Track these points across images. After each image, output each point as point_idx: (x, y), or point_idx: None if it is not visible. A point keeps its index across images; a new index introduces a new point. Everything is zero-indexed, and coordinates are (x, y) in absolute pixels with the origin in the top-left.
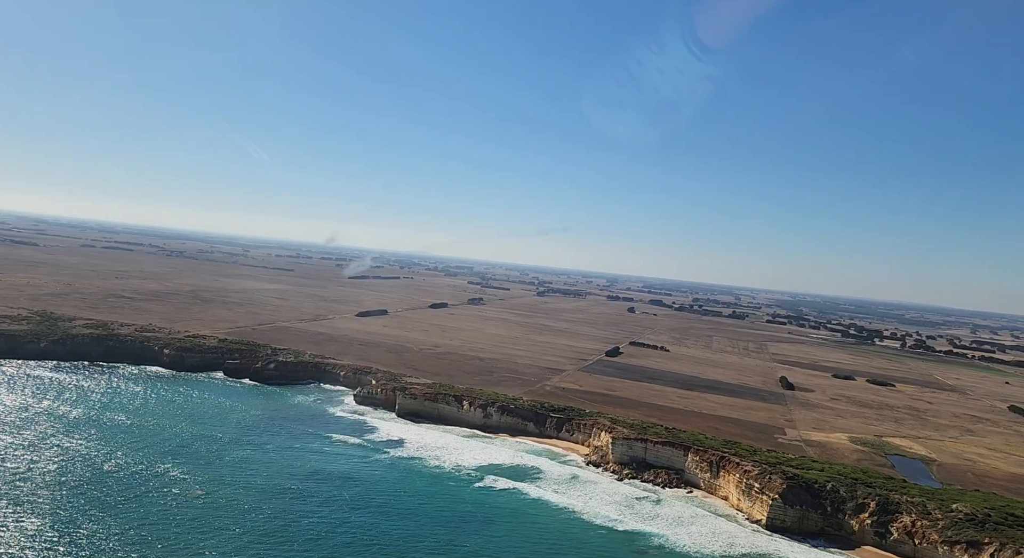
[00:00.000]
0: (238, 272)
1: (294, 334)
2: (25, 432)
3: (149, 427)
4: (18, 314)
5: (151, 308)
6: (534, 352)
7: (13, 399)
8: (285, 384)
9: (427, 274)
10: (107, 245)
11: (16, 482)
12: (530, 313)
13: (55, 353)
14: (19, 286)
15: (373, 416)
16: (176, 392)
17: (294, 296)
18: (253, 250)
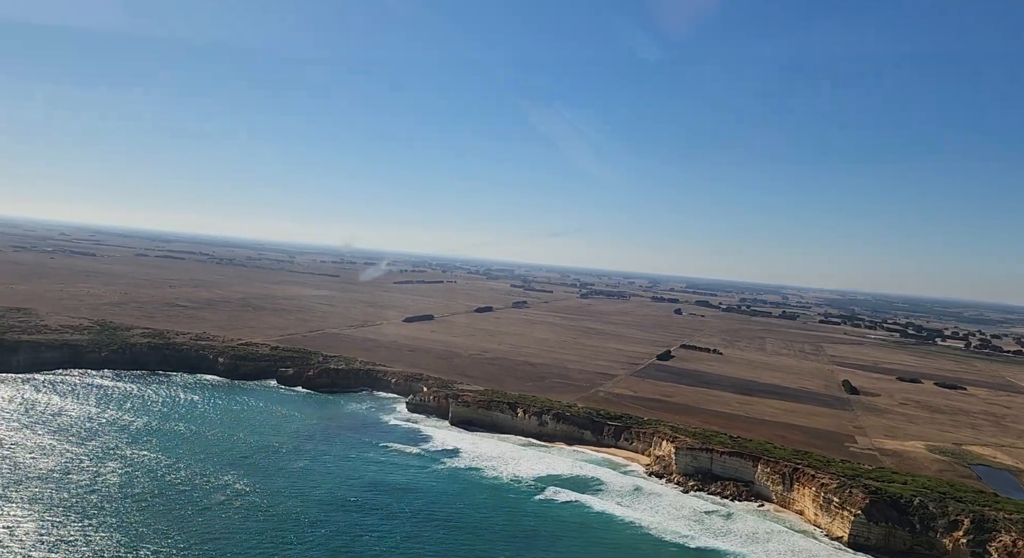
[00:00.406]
0: (285, 279)
1: (344, 341)
2: (91, 442)
3: (209, 437)
4: (79, 324)
5: (204, 316)
6: (584, 356)
7: (79, 409)
8: (337, 392)
9: (469, 278)
10: (160, 254)
11: (84, 494)
12: (576, 316)
13: (115, 362)
14: (80, 296)
15: (426, 424)
16: (232, 400)
17: (341, 302)
18: (298, 256)
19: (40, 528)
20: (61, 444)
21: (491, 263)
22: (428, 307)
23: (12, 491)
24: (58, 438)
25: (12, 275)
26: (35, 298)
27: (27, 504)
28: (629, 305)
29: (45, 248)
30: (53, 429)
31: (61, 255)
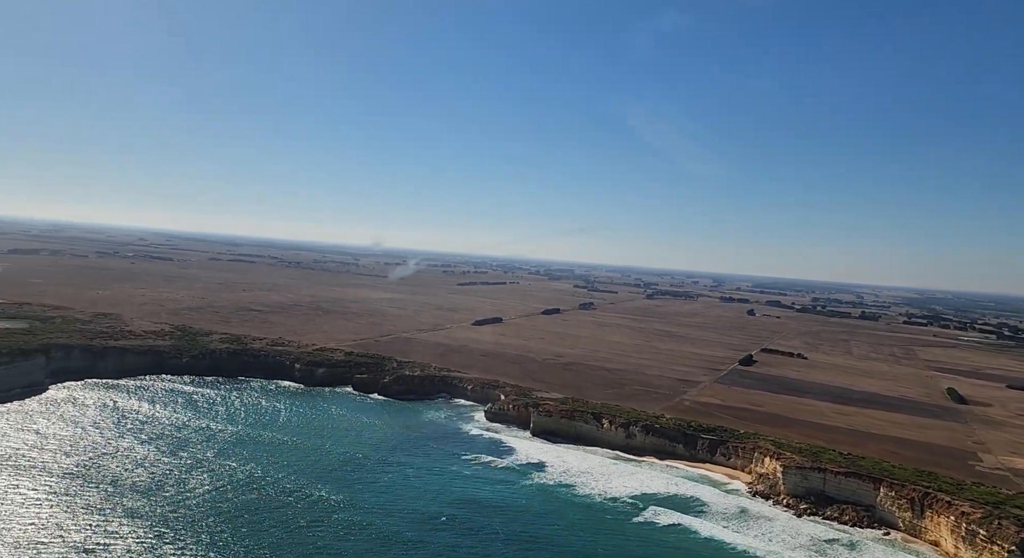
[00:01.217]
0: (351, 281)
1: (416, 345)
2: (181, 453)
3: (294, 448)
4: (161, 329)
5: (278, 320)
6: (661, 361)
7: (168, 416)
8: (413, 399)
9: (530, 278)
10: (232, 258)
11: (176, 508)
12: (645, 317)
13: (196, 368)
14: (160, 301)
15: (507, 434)
16: (312, 408)
17: (409, 305)
18: (363, 258)
19: (137, 545)
20: (152, 453)
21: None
22: (495, 309)
23: (108, 503)
24: (149, 447)
25: (98, 280)
26: (119, 303)
27: (123, 518)
28: (698, 306)
29: (126, 254)
30: (144, 438)
31: (141, 260)
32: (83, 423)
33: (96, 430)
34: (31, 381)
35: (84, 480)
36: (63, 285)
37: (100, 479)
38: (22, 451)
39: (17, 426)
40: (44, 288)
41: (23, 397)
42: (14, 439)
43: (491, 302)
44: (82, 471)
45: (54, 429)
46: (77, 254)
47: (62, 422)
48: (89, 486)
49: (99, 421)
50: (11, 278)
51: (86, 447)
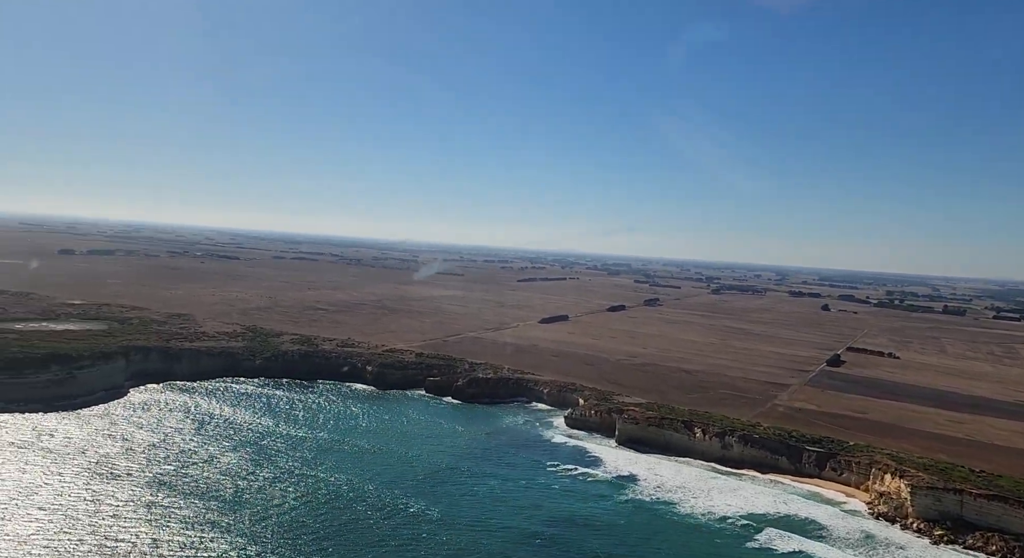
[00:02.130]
0: (413, 279)
1: (485, 345)
2: (266, 462)
3: (378, 455)
4: (233, 330)
5: (345, 320)
6: (742, 361)
7: (249, 422)
8: (487, 402)
9: (589, 273)
10: (295, 256)
11: (265, 523)
12: (714, 314)
13: (268, 370)
14: (230, 301)
15: (591, 443)
16: (388, 412)
17: (472, 303)
18: (421, 255)
19: None
20: (237, 462)
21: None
22: (559, 307)
23: (196, 516)
24: (234, 456)
25: (170, 280)
26: (191, 303)
27: (214, 533)
28: (766, 301)
29: (195, 253)
30: (228, 445)
31: (209, 259)
32: (166, 429)
33: (180, 436)
34: (112, 384)
35: (171, 490)
36: (138, 285)
37: (187, 490)
38: (111, 457)
39: (104, 431)
40: (120, 288)
41: (106, 400)
42: (103, 445)
43: (553, 299)
44: (169, 480)
45: (139, 434)
46: (150, 254)
47: (146, 427)
48: (177, 497)
49: (182, 427)
50: (91, 278)
51: (171, 455)
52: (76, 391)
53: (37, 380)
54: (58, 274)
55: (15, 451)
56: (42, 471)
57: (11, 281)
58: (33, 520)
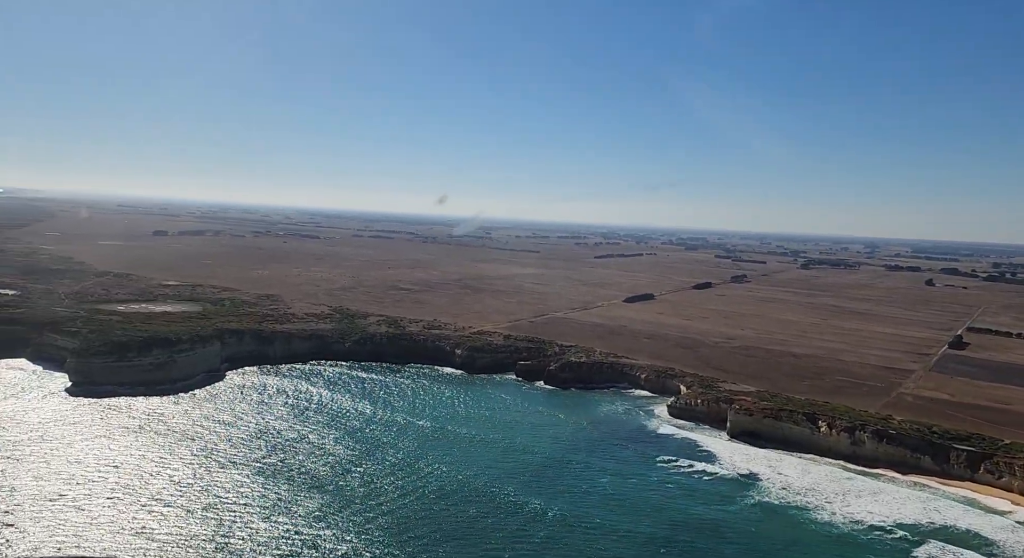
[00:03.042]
0: (489, 256)
1: (572, 326)
2: (373, 451)
3: (484, 444)
4: (321, 311)
5: (428, 300)
6: (851, 343)
7: (348, 407)
8: (581, 387)
9: (665, 248)
10: (372, 235)
11: (376, 516)
12: (808, 291)
13: (357, 353)
14: (315, 281)
15: (700, 435)
16: (485, 398)
17: (553, 281)
18: (495, 231)
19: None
20: (342, 450)
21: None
22: (642, 285)
23: (304, 507)
24: (338, 444)
25: (257, 260)
26: (278, 284)
27: (324, 528)
28: (862, 276)
29: (278, 232)
30: (331, 433)
31: (291, 238)
32: (268, 415)
33: (282, 423)
34: (209, 367)
35: (280, 481)
36: (227, 265)
37: (297, 482)
38: (219, 445)
39: (208, 416)
40: (211, 269)
41: (205, 383)
42: (209, 431)
43: (635, 276)
44: (277, 470)
45: (242, 420)
46: (236, 234)
47: (248, 413)
48: (287, 490)
49: (282, 412)
50: (183, 259)
51: (276, 443)
52: (176, 374)
53: (140, 363)
54: (154, 255)
55: (129, 436)
56: (156, 458)
57: (113, 262)
58: (151, 511)
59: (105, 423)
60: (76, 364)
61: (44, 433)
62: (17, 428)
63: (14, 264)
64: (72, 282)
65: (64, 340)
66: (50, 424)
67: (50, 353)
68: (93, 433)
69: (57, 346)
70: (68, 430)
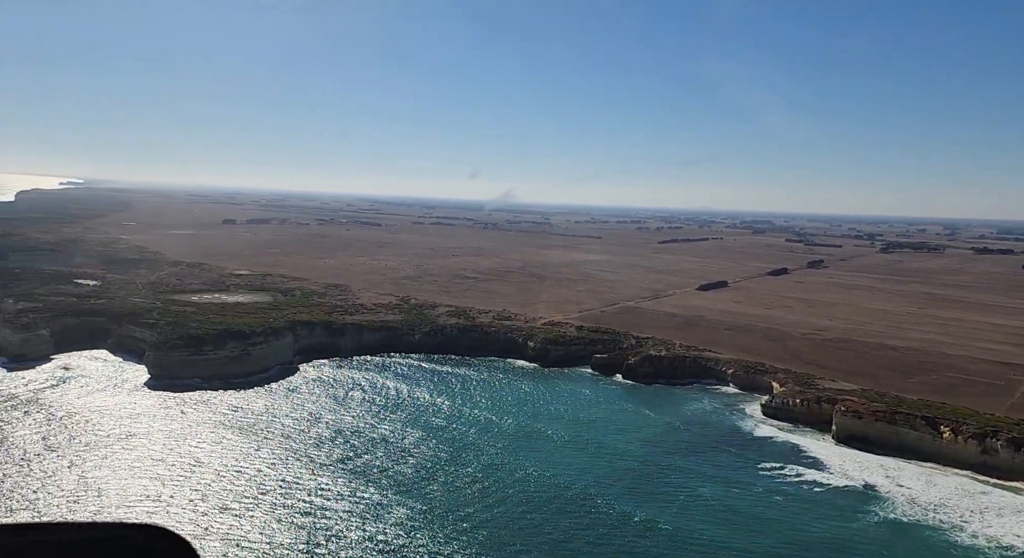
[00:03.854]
0: (551, 243)
1: (646, 317)
2: (463, 453)
3: (572, 445)
4: (388, 301)
5: (495, 289)
6: (955, 336)
7: (429, 403)
8: (662, 383)
9: (730, 232)
10: (432, 222)
11: (478, 528)
12: (896, 277)
13: (427, 345)
14: (380, 269)
15: (801, 438)
16: (563, 393)
17: (619, 268)
18: (553, 217)
19: None
20: (431, 451)
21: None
22: (714, 271)
23: (396, 513)
24: (425, 443)
25: (322, 248)
26: (345, 272)
27: (413, 531)
28: (950, 260)
29: (340, 220)
30: (417, 431)
31: (355, 226)
32: (345, 410)
33: (364, 419)
34: (282, 359)
35: (363, 482)
36: (294, 254)
37: (384, 483)
38: (303, 442)
39: (288, 413)
40: (279, 258)
41: (279, 377)
42: (291, 427)
43: (704, 262)
44: (359, 471)
45: (324, 416)
46: (300, 222)
47: (327, 408)
48: (375, 492)
49: (362, 408)
50: (252, 247)
51: (357, 442)
52: (251, 368)
53: (216, 357)
54: (224, 244)
55: (211, 432)
56: (238, 457)
57: (186, 251)
58: (237, 516)
59: (186, 418)
60: (154, 357)
61: (129, 429)
62: (104, 423)
63: (94, 253)
64: (148, 272)
65: (142, 332)
66: (133, 419)
67: (129, 345)
68: (175, 429)
69: (136, 338)
70: (151, 425)
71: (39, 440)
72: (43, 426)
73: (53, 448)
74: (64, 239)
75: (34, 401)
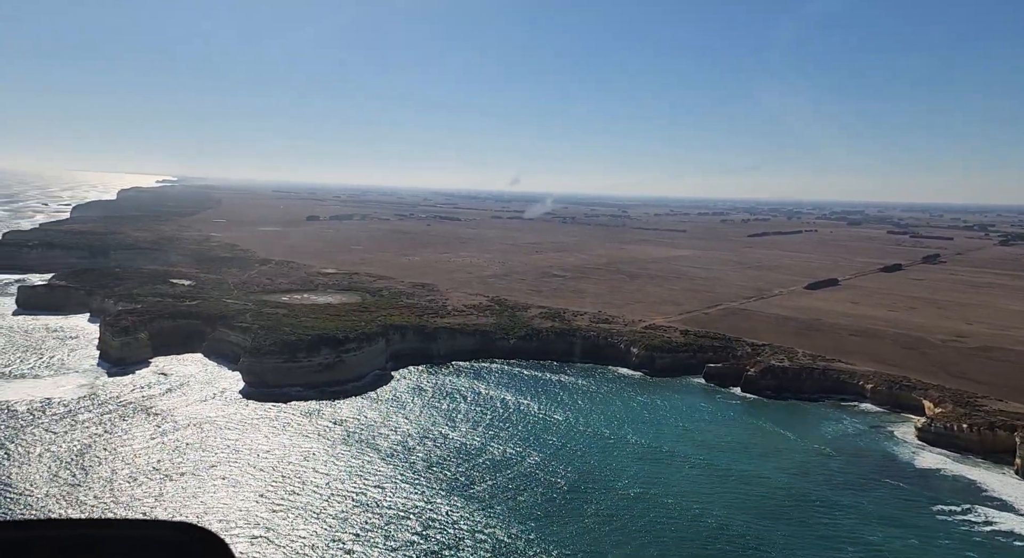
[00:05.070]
0: (634, 237)
1: (756, 320)
2: (591, 474)
3: (703, 468)
4: (478, 302)
5: (584, 288)
6: None
7: (540, 415)
8: (788, 398)
9: (824, 224)
10: (511, 216)
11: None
12: None
13: (523, 351)
14: (466, 267)
15: (977, 472)
16: (682, 406)
17: (712, 264)
18: (632, 209)
19: None
20: (550, 474)
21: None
22: (818, 267)
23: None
24: (543, 464)
25: (404, 245)
26: (431, 271)
27: None
28: None
29: (419, 215)
30: (531, 447)
31: (434, 221)
32: (448, 422)
33: (474, 436)
34: (375, 366)
35: (482, 506)
36: (378, 251)
37: (505, 507)
38: (408, 459)
39: (387, 423)
40: (363, 255)
41: (375, 385)
42: (393, 442)
43: (804, 257)
44: (491, 501)
45: (426, 430)
46: (381, 218)
47: (427, 420)
48: (491, 517)
49: (465, 421)
50: (336, 244)
51: (481, 465)
52: (345, 375)
53: (310, 364)
54: (309, 241)
55: (313, 445)
56: (344, 473)
57: (273, 249)
58: (343, 543)
59: (289, 432)
60: (248, 364)
61: (234, 443)
62: (211, 435)
63: (188, 252)
64: (239, 271)
65: (236, 336)
66: (237, 431)
67: (223, 349)
68: (279, 444)
69: (230, 342)
70: (254, 439)
71: (151, 451)
72: (156, 436)
73: (164, 460)
74: (161, 237)
75: (143, 409)
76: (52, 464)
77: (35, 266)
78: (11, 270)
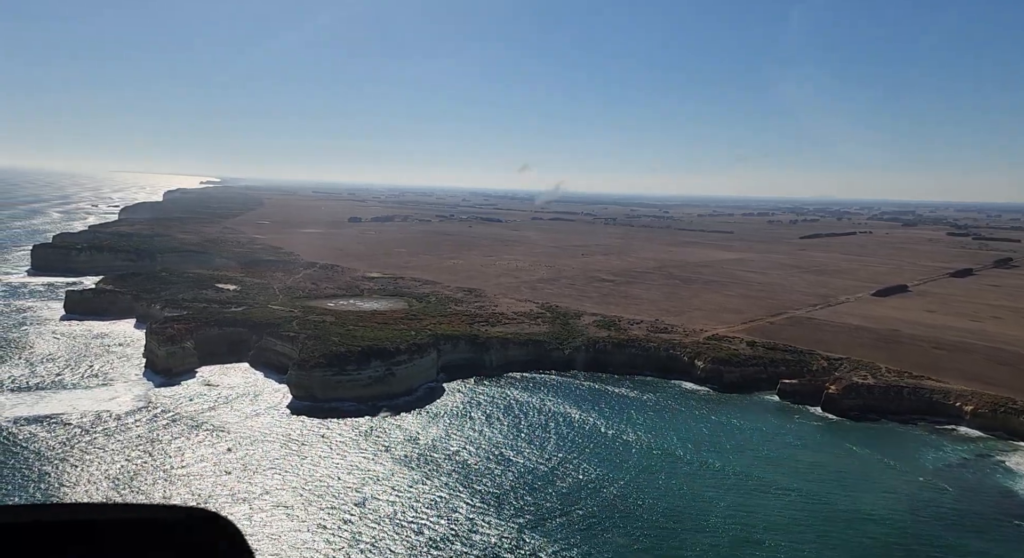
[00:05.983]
0: (680, 239)
1: (827, 330)
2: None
3: (801, 500)
4: (529, 310)
5: (638, 293)
6: None
7: (607, 432)
8: (873, 419)
9: (876, 225)
10: (552, 217)
11: None
12: None
13: (578, 362)
14: (512, 271)
15: None
16: (758, 425)
17: (767, 268)
18: (672, 209)
19: None
20: (625, 500)
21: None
22: (881, 272)
23: None
24: (619, 488)
25: (447, 247)
26: (477, 275)
27: None
28: None
29: (460, 216)
30: (603, 468)
31: (475, 222)
32: (520, 445)
33: (542, 457)
34: (426, 379)
35: (555, 535)
36: (420, 254)
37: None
38: (468, 482)
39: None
40: (407, 258)
41: (427, 400)
42: (452, 461)
43: (863, 260)
44: (576, 536)
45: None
46: (422, 219)
47: (485, 437)
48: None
49: (525, 440)
50: (380, 246)
51: (556, 492)
52: (396, 389)
53: (359, 377)
54: (352, 243)
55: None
56: (401, 497)
57: (317, 252)
58: None
59: (341, 451)
60: (296, 377)
61: (286, 464)
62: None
63: (233, 255)
64: (283, 275)
65: (282, 345)
66: (285, 449)
67: (269, 358)
68: (332, 465)
69: (276, 351)
70: (307, 460)
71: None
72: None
73: (219, 485)
74: (206, 239)
75: (193, 425)
76: (104, 483)
77: (84, 269)
78: (62, 273)
